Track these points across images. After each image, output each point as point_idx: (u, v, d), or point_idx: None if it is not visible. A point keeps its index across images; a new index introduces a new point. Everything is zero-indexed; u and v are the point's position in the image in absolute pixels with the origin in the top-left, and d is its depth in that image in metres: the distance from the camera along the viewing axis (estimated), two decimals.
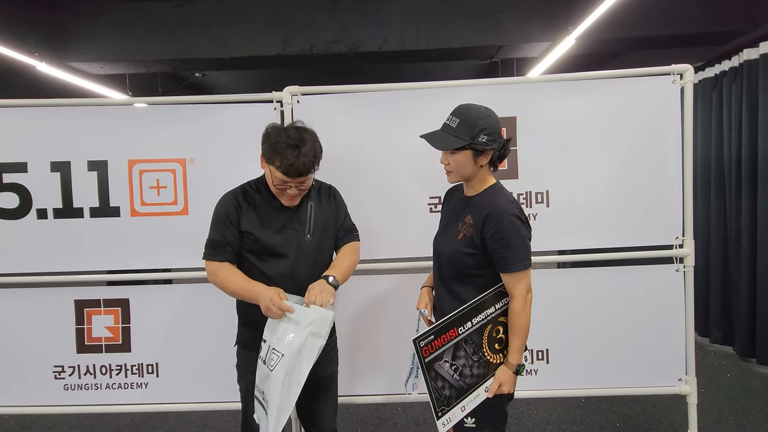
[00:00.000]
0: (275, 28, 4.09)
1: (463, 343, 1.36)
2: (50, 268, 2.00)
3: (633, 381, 2.04)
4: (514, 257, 1.33)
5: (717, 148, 3.61)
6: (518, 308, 1.36)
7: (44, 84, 4.71)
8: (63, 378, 2.04)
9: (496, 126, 1.36)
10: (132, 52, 4.20)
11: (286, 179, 1.40)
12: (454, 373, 1.35)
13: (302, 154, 1.38)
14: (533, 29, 4.00)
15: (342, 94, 2.00)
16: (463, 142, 1.33)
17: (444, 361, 1.35)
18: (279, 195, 1.47)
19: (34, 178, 1.97)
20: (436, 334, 1.34)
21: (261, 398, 1.39)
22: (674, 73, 1.94)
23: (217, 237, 1.47)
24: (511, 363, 1.38)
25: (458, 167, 1.38)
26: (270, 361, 1.34)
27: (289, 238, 1.47)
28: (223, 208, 1.48)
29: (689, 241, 1.97)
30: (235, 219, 1.46)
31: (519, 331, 1.37)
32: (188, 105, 2.02)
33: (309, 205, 1.52)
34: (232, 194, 1.51)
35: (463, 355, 1.36)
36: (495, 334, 1.41)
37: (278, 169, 1.39)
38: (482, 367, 1.39)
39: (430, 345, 1.33)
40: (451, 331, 1.36)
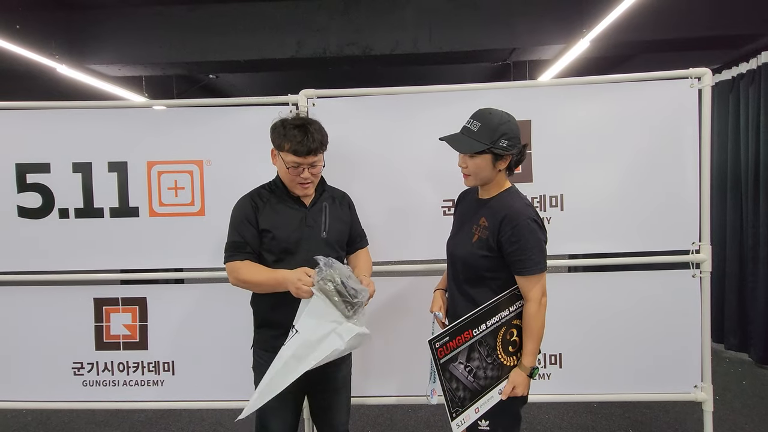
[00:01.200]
0: (289, 31, 4.13)
1: (478, 345, 1.37)
2: (71, 267, 2.04)
3: (647, 387, 2.02)
4: (530, 260, 1.34)
5: (734, 152, 3.56)
6: (533, 311, 1.37)
7: (64, 86, 4.82)
8: (82, 374, 2.09)
9: (517, 131, 1.37)
10: (149, 54, 4.27)
11: (297, 159, 1.43)
12: (468, 375, 1.36)
13: (309, 132, 1.43)
14: (547, 32, 3.98)
15: (357, 97, 2.01)
16: (484, 146, 1.33)
17: (458, 362, 1.35)
18: (292, 184, 1.49)
19: (56, 178, 2.02)
20: (451, 336, 1.35)
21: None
22: (692, 77, 1.92)
23: (236, 239, 1.49)
24: (525, 365, 1.38)
25: (477, 171, 1.39)
26: (287, 339, 1.34)
27: (305, 236, 1.49)
28: (241, 210, 1.51)
29: (706, 246, 1.95)
30: (253, 219, 1.49)
31: (533, 334, 1.37)
32: (206, 108, 2.06)
33: (324, 205, 1.56)
34: (248, 196, 1.55)
35: (478, 357, 1.37)
36: (509, 337, 1.41)
37: (289, 152, 1.43)
38: (496, 369, 1.39)
39: (445, 346, 1.34)
40: (466, 332, 1.36)
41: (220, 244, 1.68)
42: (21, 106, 2.04)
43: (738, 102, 3.52)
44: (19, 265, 2.05)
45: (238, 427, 2.55)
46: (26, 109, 2.04)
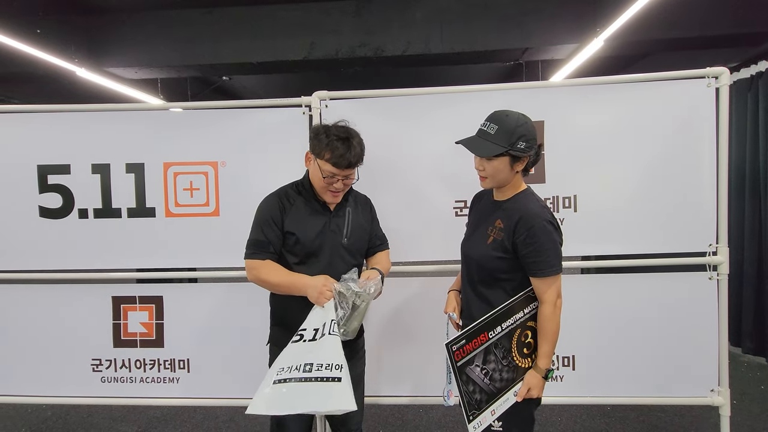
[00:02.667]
0: (301, 33, 4.17)
1: (493, 348, 1.37)
2: (90, 266, 2.09)
3: (663, 390, 2.00)
4: (546, 262, 1.34)
5: (752, 151, 3.48)
6: (548, 313, 1.37)
7: (83, 88, 4.93)
8: (100, 371, 2.13)
9: (534, 133, 1.37)
10: (165, 57, 4.35)
11: (335, 171, 1.45)
12: (484, 378, 1.36)
13: (352, 146, 1.46)
14: (560, 31, 3.95)
15: (369, 98, 2.03)
16: (503, 149, 1.33)
17: (475, 365, 1.36)
18: (323, 191, 1.50)
19: (76, 179, 2.06)
20: (467, 339, 1.35)
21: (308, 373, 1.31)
22: (709, 76, 1.89)
23: (260, 237, 1.50)
24: (540, 367, 1.38)
25: (495, 173, 1.39)
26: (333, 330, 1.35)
27: (327, 240, 1.51)
28: (267, 209, 1.52)
29: (723, 248, 1.92)
30: (279, 220, 1.50)
31: (548, 336, 1.37)
32: (220, 110, 2.09)
33: (347, 210, 1.58)
34: (276, 196, 1.55)
35: (493, 359, 1.37)
36: (524, 339, 1.41)
37: (328, 162, 1.45)
38: (511, 371, 1.40)
39: (461, 349, 1.34)
40: (482, 335, 1.37)
41: (234, 245, 1.70)
42: (42, 109, 2.10)
43: (757, 100, 3.45)
44: (40, 264, 2.10)
45: (251, 424, 2.58)
46: (47, 112, 2.10)
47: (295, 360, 1.33)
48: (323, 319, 1.39)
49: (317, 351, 1.33)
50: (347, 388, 1.27)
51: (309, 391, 1.27)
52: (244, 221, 2.02)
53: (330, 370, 1.28)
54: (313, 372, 1.28)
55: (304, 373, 1.29)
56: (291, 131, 2.02)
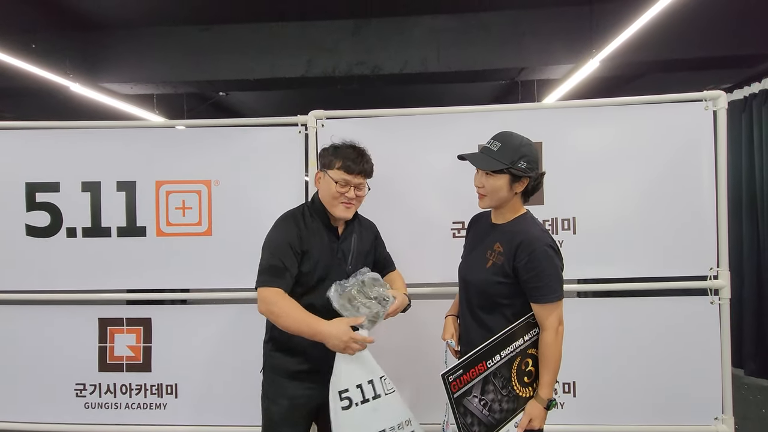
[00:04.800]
0: (299, 51, 4.19)
1: (492, 377, 1.32)
2: (77, 286, 2.03)
3: (665, 418, 1.94)
4: (547, 287, 1.31)
5: (748, 172, 3.50)
6: (549, 340, 1.33)
7: (77, 104, 4.90)
8: (84, 396, 2.05)
9: (536, 156, 1.37)
10: (161, 73, 4.35)
11: (348, 177, 1.43)
12: (483, 409, 1.31)
13: (363, 154, 1.48)
14: (556, 51, 3.99)
15: (366, 118, 2.01)
16: (504, 165, 1.33)
17: (473, 396, 1.30)
18: (335, 204, 1.45)
19: (65, 197, 2.02)
20: (464, 368, 1.30)
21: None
22: (706, 99, 1.89)
23: (277, 263, 1.37)
24: (542, 397, 1.34)
25: (493, 191, 1.37)
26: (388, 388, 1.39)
27: (334, 268, 1.47)
28: (284, 233, 1.43)
29: (725, 272, 1.89)
30: (297, 245, 1.41)
31: (550, 364, 1.33)
32: (214, 128, 2.06)
33: (353, 238, 1.54)
34: (292, 219, 1.47)
35: (492, 389, 1.32)
36: (524, 367, 1.37)
37: (340, 169, 1.43)
38: (512, 401, 1.34)
39: (458, 380, 1.29)
40: (480, 364, 1.32)
41: (227, 265, 1.65)
42: (32, 126, 2.06)
43: (751, 122, 3.48)
44: (26, 284, 2.04)
45: None
46: (37, 129, 2.06)
47: (364, 429, 1.33)
48: (365, 375, 1.36)
49: (382, 414, 1.34)
50: None
51: None
52: (237, 241, 1.97)
53: (403, 428, 1.35)
54: None
55: None
56: (286, 150, 1.99)
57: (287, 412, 1.45)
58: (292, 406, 1.45)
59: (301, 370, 1.45)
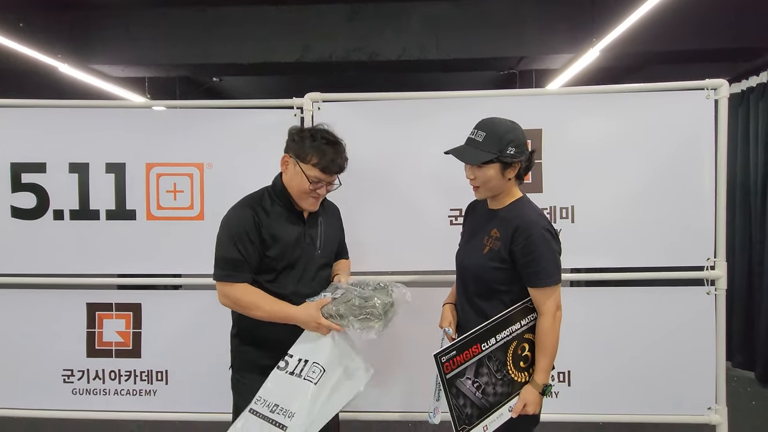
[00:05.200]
0: (295, 35, 4.10)
1: (486, 360, 1.31)
2: (65, 270, 1.99)
3: (659, 408, 1.95)
4: (544, 271, 1.29)
5: (743, 166, 3.50)
6: (547, 325, 1.31)
7: (66, 85, 4.78)
8: (72, 382, 2.01)
9: (523, 138, 1.34)
10: (153, 55, 4.24)
11: (322, 176, 1.37)
12: (476, 391, 1.30)
13: (341, 152, 1.40)
14: (556, 40, 3.95)
15: (363, 101, 1.96)
16: (492, 156, 1.30)
17: (466, 378, 1.30)
18: (304, 198, 1.40)
19: (52, 178, 1.96)
20: (458, 350, 1.29)
21: (270, 413, 1.31)
22: (708, 88, 1.87)
23: (233, 254, 1.33)
24: (538, 382, 1.32)
25: (486, 181, 1.34)
26: (310, 374, 1.32)
27: (303, 253, 1.42)
28: (240, 222, 1.37)
29: (721, 262, 1.89)
30: (255, 234, 1.35)
31: (547, 349, 1.32)
32: (207, 110, 2.01)
33: (319, 221, 1.50)
34: (249, 207, 1.40)
35: (486, 372, 1.31)
36: (520, 352, 1.35)
37: (316, 167, 1.36)
38: (506, 385, 1.33)
39: (451, 361, 1.28)
40: (474, 347, 1.31)
41: None
42: (17, 104, 1.99)
43: (747, 116, 3.47)
44: (11, 267, 1.99)
45: None
46: (23, 107, 1.99)
47: (269, 394, 1.32)
48: (311, 354, 1.35)
49: (286, 391, 1.32)
50: None
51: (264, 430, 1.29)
52: None
53: (283, 416, 1.28)
54: (274, 414, 1.29)
55: (270, 412, 1.30)
56: (281, 134, 1.89)
57: None
58: None
59: (272, 364, 1.39)
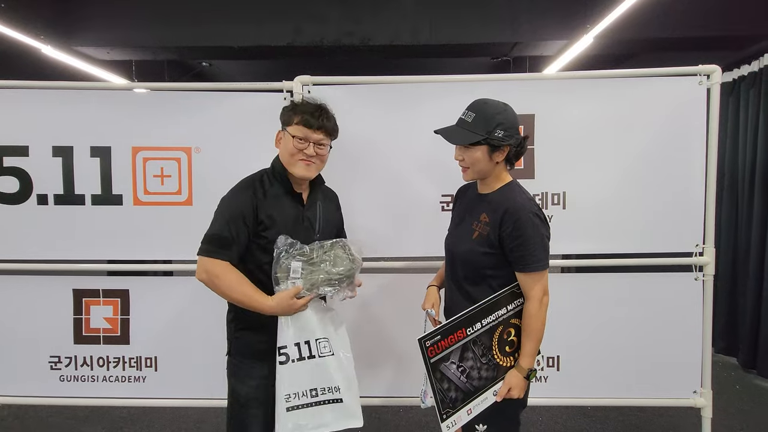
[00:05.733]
0: (285, 18, 4.01)
1: (472, 345, 1.31)
2: (49, 256, 1.95)
3: (646, 391, 1.98)
4: (532, 256, 1.28)
5: (731, 154, 3.53)
6: (533, 310, 1.31)
7: (49, 68, 4.65)
8: (59, 369, 1.99)
9: (514, 122, 1.32)
10: (139, 37, 4.12)
11: (306, 133, 1.36)
12: (461, 375, 1.30)
13: (325, 111, 1.41)
14: (550, 26, 3.91)
15: (354, 85, 1.93)
16: (479, 137, 1.28)
17: (451, 362, 1.29)
18: (293, 160, 1.37)
19: (35, 162, 1.92)
20: (442, 335, 1.29)
21: (313, 398, 1.37)
22: (701, 74, 1.86)
23: (224, 233, 1.32)
24: (522, 367, 1.33)
25: (474, 163, 1.33)
26: (322, 350, 1.38)
27: (301, 235, 1.40)
28: (238, 202, 1.36)
29: (710, 249, 1.90)
30: (251, 216, 1.34)
31: (533, 334, 1.32)
32: (195, 92, 1.96)
33: (318, 205, 1.49)
34: (249, 188, 1.39)
35: (471, 356, 1.31)
36: (506, 336, 1.35)
37: (299, 124, 1.37)
38: (491, 369, 1.34)
39: (436, 345, 1.28)
40: (459, 331, 1.30)
41: None
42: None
43: (738, 104, 3.49)
44: None
45: (223, 425, 2.47)
46: (4, 89, 1.93)
47: (297, 386, 1.36)
48: (303, 335, 1.37)
49: (316, 374, 1.37)
50: (351, 407, 1.40)
51: (323, 413, 1.37)
52: None
53: (332, 392, 1.37)
54: (318, 396, 1.36)
55: (313, 398, 1.36)
56: (271, 117, 1.86)
57: (255, 392, 1.41)
58: (260, 387, 1.41)
59: (270, 348, 1.38)
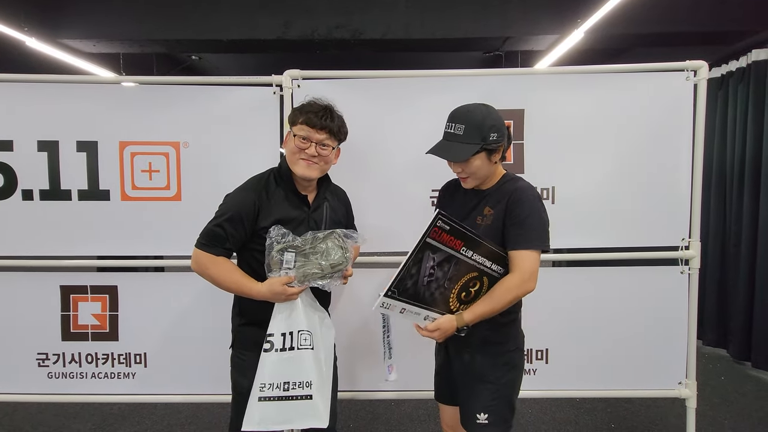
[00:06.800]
0: (275, 11, 3.97)
1: (453, 263, 1.27)
2: (35, 252, 1.92)
3: (632, 383, 2.01)
4: (531, 233, 1.29)
5: (720, 149, 3.57)
6: (512, 284, 1.28)
7: (34, 61, 4.56)
8: (47, 366, 1.97)
9: (500, 119, 1.33)
10: (126, 30, 4.05)
11: (309, 131, 1.36)
12: (426, 277, 1.26)
13: (331, 111, 1.40)
14: (541, 21, 3.91)
15: (345, 80, 1.92)
16: (477, 147, 1.28)
17: (432, 258, 1.24)
18: (295, 159, 1.38)
19: (19, 157, 1.88)
20: (452, 232, 1.22)
21: (285, 392, 1.35)
22: (688, 70, 1.88)
23: (219, 231, 1.36)
24: (463, 318, 1.30)
25: (475, 171, 1.33)
26: (302, 342, 1.36)
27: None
28: (239, 203, 1.38)
29: (696, 243, 1.93)
30: (250, 217, 1.36)
31: (495, 302, 1.29)
32: (183, 86, 1.94)
33: (325, 206, 1.49)
34: (253, 191, 1.40)
35: (445, 271, 1.27)
36: (471, 285, 1.32)
37: (302, 123, 1.37)
38: (441, 298, 1.30)
39: (440, 233, 1.21)
40: (458, 242, 1.25)
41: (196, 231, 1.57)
42: None
43: (726, 99, 3.53)
44: None
45: (216, 420, 2.47)
46: None
47: (273, 377, 1.35)
48: (288, 326, 1.37)
49: (290, 367, 1.36)
50: (319, 407, 1.35)
51: (289, 409, 1.34)
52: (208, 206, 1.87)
53: (302, 388, 1.35)
54: (290, 390, 1.34)
55: (284, 392, 1.34)
56: (260, 112, 1.90)
57: None
58: None
59: None
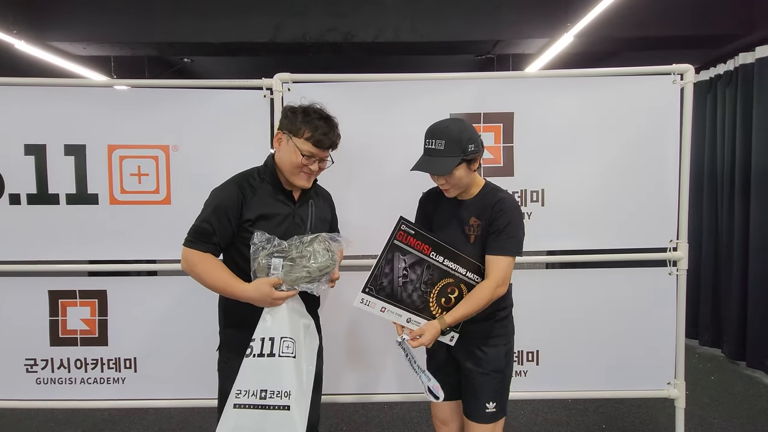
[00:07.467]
0: (267, 14, 3.96)
1: (426, 267, 1.38)
2: (23, 257, 1.91)
3: (622, 384, 2.02)
4: (510, 240, 1.38)
5: (710, 152, 3.61)
6: (487, 289, 1.37)
7: (23, 64, 4.52)
8: (35, 371, 1.95)
9: (475, 131, 1.42)
10: (117, 33, 4.03)
11: (314, 151, 1.38)
12: (401, 278, 1.37)
13: (334, 127, 1.41)
14: (532, 24, 3.94)
15: (335, 83, 1.92)
16: (458, 159, 1.35)
17: (403, 260, 1.36)
18: (296, 173, 1.39)
19: (6, 161, 1.87)
20: (417, 235, 1.36)
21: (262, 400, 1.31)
22: (675, 73, 1.90)
23: (205, 226, 1.36)
24: (445, 321, 1.37)
25: (458, 182, 1.39)
26: (284, 350, 1.31)
27: (290, 232, 1.41)
28: (223, 197, 1.39)
29: (683, 244, 1.95)
30: (235, 211, 1.37)
31: (473, 305, 1.37)
32: (173, 89, 1.93)
33: (310, 203, 1.49)
34: (236, 184, 1.41)
35: (418, 275, 1.38)
36: (449, 291, 1.41)
37: (308, 141, 1.37)
38: (420, 301, 1.40)
39: (407, 235, 1.35)
40: (426, 247, 1.37)
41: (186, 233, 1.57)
42: None
43: (715, 103, 3.57)
44: None
45: (207, 425, 2.45)
46: None
47: (250, 383, 1.31)
48: (273, 332, 1.34)
49: (269, 375, 1.30)
50: (296, 419, 1.29)
51: (264, 419, 1.29)
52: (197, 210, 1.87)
53: (281, 398, 1.29)
54: (266, 399, 1.29)
55: (261, 400, 1.30)
56: (250, 115, 1.90)
57: None
58: None
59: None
